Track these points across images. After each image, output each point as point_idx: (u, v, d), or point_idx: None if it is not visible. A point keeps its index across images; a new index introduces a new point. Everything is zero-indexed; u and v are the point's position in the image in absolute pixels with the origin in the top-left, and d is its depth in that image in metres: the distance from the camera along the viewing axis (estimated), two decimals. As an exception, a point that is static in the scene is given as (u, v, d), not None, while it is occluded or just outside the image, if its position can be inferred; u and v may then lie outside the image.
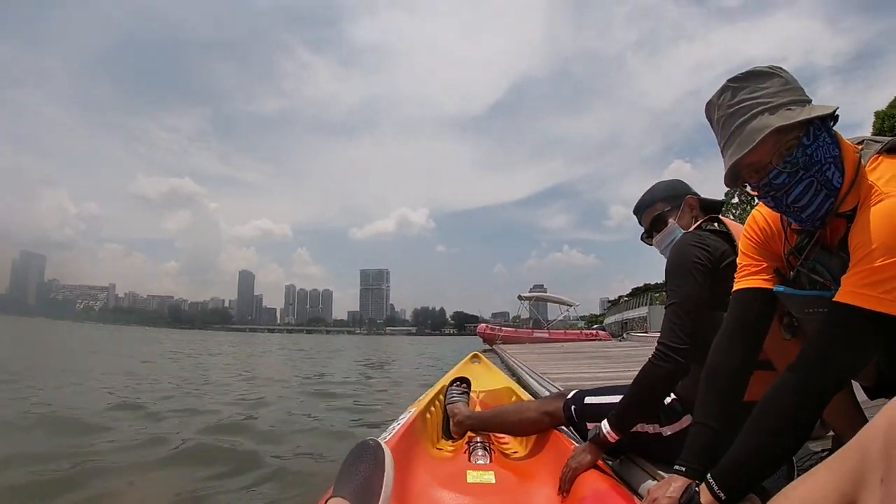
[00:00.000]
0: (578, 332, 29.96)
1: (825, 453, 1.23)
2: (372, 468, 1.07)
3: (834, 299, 0.94)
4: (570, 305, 31.88)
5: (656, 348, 1.43)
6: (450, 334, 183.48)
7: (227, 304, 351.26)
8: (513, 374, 5.94)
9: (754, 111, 0.99)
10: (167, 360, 12.01)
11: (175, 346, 19.08)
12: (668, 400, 1.55)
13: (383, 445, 1.12)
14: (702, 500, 1.02)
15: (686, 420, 1.50)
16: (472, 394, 2.60)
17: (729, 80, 1.05)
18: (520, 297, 31.51)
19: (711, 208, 1.68)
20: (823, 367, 0.95)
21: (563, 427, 1.86)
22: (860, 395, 1.24)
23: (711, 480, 1.02)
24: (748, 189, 1.05)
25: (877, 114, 26.09)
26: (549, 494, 1.53)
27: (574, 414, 1.77)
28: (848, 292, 0.91)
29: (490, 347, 17.63)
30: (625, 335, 31.51)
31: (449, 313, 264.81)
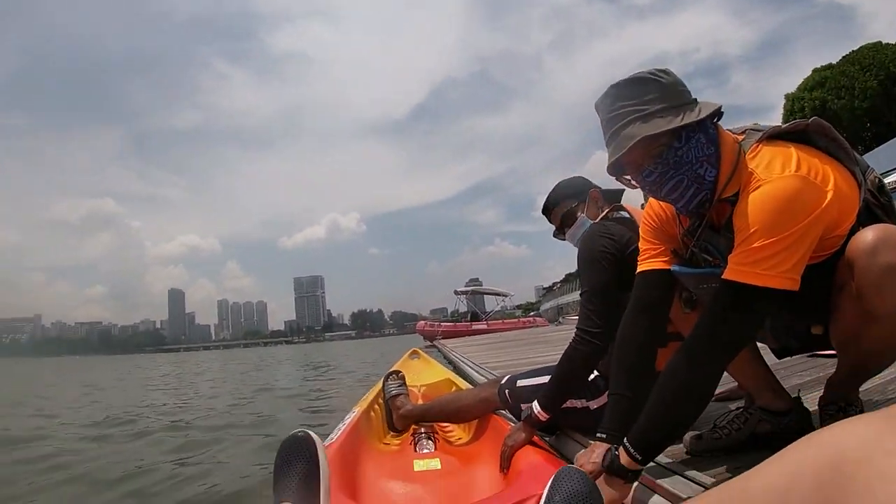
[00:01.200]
0: (516, 320, 30.59)
1: (740, 410, 1.37)
2: (306, 461, 1.07)
3: (722, 276, 1.06)
4: (506, 296, 32.46)
5: (575, 333, 1.56)
6: (390, 334, 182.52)
7: (158, 326, 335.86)
8: (454, 366, 6.04)
9: (628, 119, 1.08)
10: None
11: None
12: (591, 377, 1.68)
13: (312, 435, 1.12)
14: (621, 461, 1.13)
15: None
16: (413, 388, 2.67)
17: (611, 86, 1.13)
18: (456, 292, 31.72)
19: (614, 197, 1.81)
20: (715, 338, 1.06)
21: (502, 410, 1.97)
22: (769, 358, 1.39)
23: (627, 444, 1.13)
24: (630, 181, 1.17)
25: (787, 96, 28.20)
26: (492, 473, 1.63)
27: (508, 397, 1.86)
28: (733, 270, 1.03)
29: (431, 343, 17.71)
30: (561, 319, 32.55)
31: (387, 314, 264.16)
